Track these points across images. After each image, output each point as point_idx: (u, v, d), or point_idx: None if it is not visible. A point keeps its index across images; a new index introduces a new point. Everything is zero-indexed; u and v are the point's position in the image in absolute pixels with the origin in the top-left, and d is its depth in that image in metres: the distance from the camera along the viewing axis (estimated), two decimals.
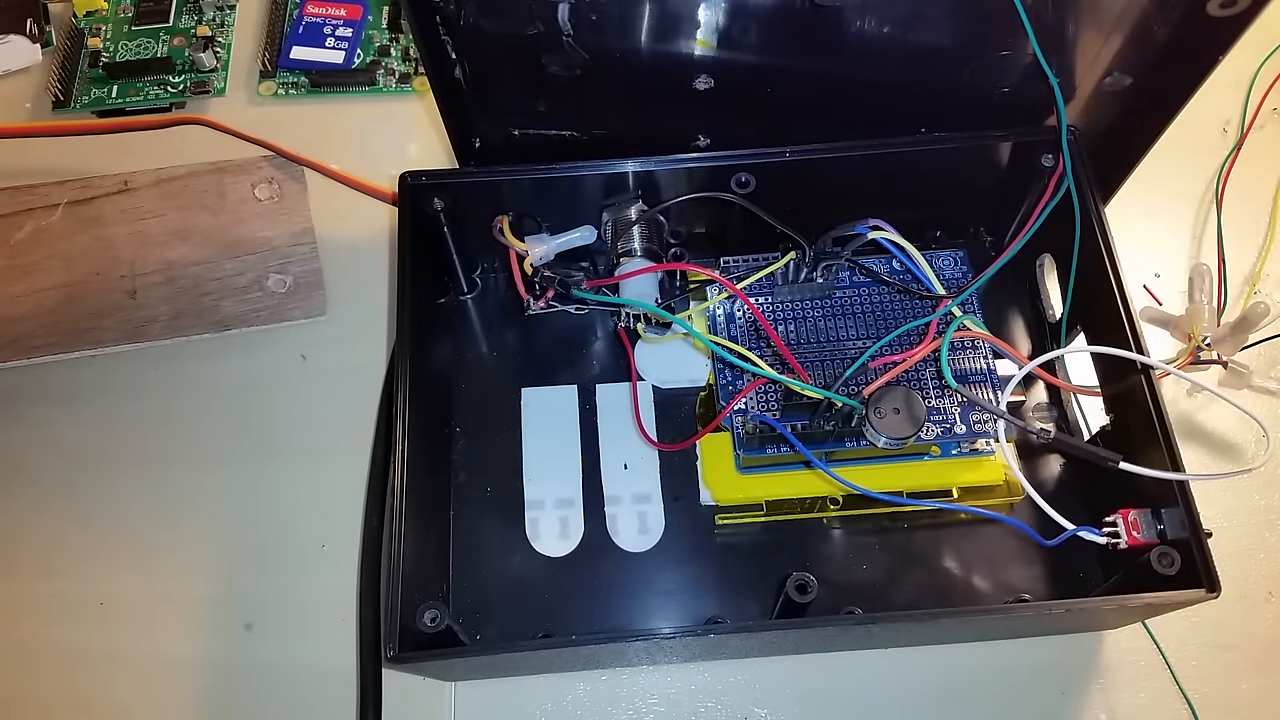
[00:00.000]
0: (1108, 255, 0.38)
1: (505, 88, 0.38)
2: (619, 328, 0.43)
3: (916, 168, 0.41)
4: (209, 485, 0.44)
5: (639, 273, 0.40)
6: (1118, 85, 0.38)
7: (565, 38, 0.35)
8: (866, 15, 0.35)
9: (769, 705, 0.40)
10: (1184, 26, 0.34)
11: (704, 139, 0.41)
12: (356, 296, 0.48)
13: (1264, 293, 0.47)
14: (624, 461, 0.43)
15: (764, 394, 0.40)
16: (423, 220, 0.40)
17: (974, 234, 0.46)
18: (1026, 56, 0.36)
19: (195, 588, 0.42)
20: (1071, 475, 0.42)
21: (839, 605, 0.38)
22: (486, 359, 0.46)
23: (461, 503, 0.42)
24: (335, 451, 0.44)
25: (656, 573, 0.41)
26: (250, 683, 0.41)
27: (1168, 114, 0.37)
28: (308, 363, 0.47)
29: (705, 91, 0.38)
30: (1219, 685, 0.40)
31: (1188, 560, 0.34)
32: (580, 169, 0.40)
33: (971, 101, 0.39)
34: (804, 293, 0.42)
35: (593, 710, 0.40)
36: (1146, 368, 0.36)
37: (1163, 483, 0.34)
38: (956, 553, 0.41)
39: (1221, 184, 0.49)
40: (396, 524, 0.35)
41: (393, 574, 0.34)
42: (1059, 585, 0.40)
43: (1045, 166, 0.39)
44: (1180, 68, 0.35)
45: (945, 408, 0.40)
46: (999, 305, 0.45)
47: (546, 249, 0.41)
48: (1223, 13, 0.32)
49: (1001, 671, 0.40)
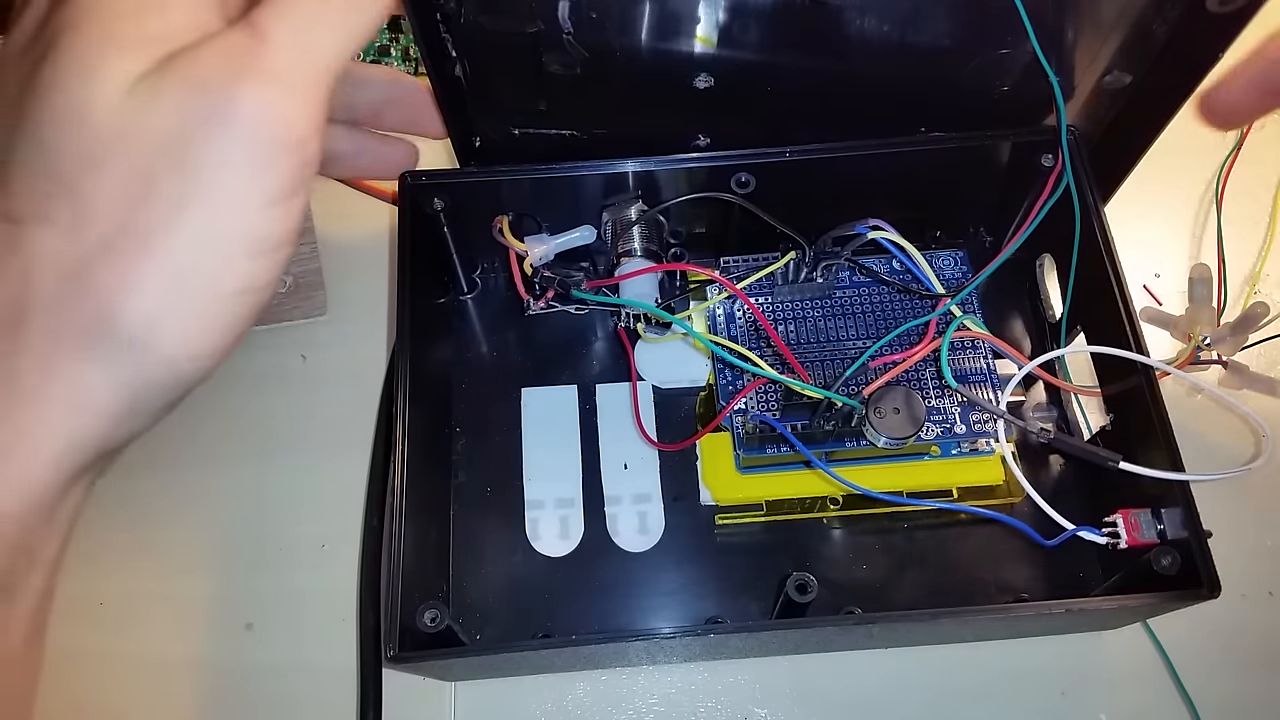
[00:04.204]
0: (1108, 255, 0.38)
1: (505, 86, 0.38)
2: (619, 328, 0.43)
3: (916, 168, 0.41)
4: (209, 485, 0.44)
5: (639, 273, 0.40)
6: (1117, 83, 0.38)
7: (565, 35, 0.35)
8: (866, 13, 0.35)
9: (769, 705, 0.40)
10: (1183, 24, 0.34)
11: (704, 138, 0.41)
12: (356, 296, 0.48)
13: (1264, 293, 0.47)
14: (624, 461, 0.43)
15: (764, 394, 0.40)
16: (423, 220, 0.40)
17: (974, 234, 0.46)
18: (1026, 55, 0.36)
19: (195, 588, 0.42)
20: (1071, 475, 0.42)
21: (839, 605, 0.38)
22: (486, 359, 0.46)
23: (461, 503, 0.42)
24: (335, 451, 0.44)
25: (656, 573, 0.41)
26: (250, 683, 0.41)
27: (1167, 112, 0.37)
28: (308, 363, 0.47)
29: (705, 90, 0.38)
30: (1219, 685, 0.40)
31: (1188, 560, 0.33)
32: (580, 169, 0.40)
33: (971, 100, 0.39)
34: (804, 293, 0.42)
35: (593, 710, 0.40)
36: (1146, 368, 0.36)
37: (1163, 483, 0.34)
38: (956, 553, 0.41)
39: (1221, 184, 0.49)
40: (396, 524, 0.35)
41: (393, 574, 0.34)
42: (1059, 585, 0.40)
43: (1045, 166, 0.39)
44: (1180, 65, 0.35)
45: (945, 408, 0.40)
46: (999, 305, 0.45)
47: (546, 249, 0.41)
48: (1222, 9, 0.32)
49: (1001, 671, 0.40)
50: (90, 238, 0.24)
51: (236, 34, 0.24)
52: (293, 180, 0.25)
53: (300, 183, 0.25)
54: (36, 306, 0.24)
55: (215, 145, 0.24)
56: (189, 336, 0.25)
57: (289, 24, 0.25)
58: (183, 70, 0.24)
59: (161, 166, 0.24)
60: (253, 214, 0.25)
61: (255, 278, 0.26)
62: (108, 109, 0.24)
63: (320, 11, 0.25)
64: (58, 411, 0.24)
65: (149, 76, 0.24)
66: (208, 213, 0.24)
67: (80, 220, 0.24)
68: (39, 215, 0.24)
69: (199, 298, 0.25)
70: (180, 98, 0.24)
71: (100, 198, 0.24)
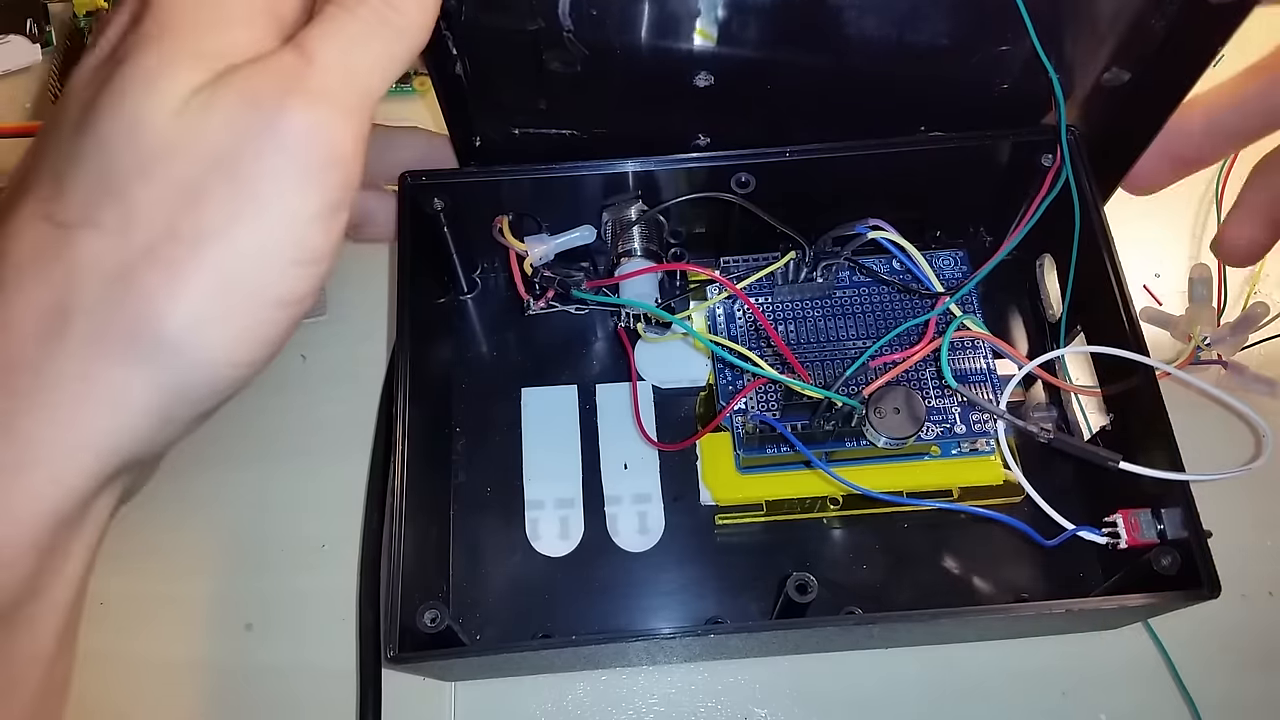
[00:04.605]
0: (1108, 255, 0.38)
1: (506, 84, 0.38)
2: (619, 328, 0.43)
3: (916, 167, 0.41)
4: (209, 485, 0.44)
5: (639, 273, 0.40)
6: (1116, 81, 0.38)
7: (566, 33, 0.35)
8: (867, 11, 0.35)
9: (769, 705, 0.40)
10: (1182, 17, 0.34)
11: (704, 138, 0.41)
12: (357, 296, 0.48)
13: (1264, 293, 0.47)
14: (624, 461, 0.43)
15: (764, 394, 0.40)
16: (423, 220, 0.40)
17: (974, 234, 0.46)
18: (1026, 52, 0.36)
19: (195, 588, 0.42)
20: (1071, 475, 0.42)
21: (839, 605, 0.38)
22: (486, 359, 0.46)
23: (461, 503, 0.42)
24: (335, 451, 0.44)
25: (656, 573, 0.41)
26: (250, 683, 0.41)
27: (1166, 108, 0.37)
28: (308, 363, 0.47)
29: (705, 89, 0.38)
30: (1219, 685, 0.40)
31: (1188, 560, 0.33)
32: (580, 169, 0.40)
33: (971, 98, 0.39)
34: (804, 293, 0.42)
35: (593, 710, 0.40)
36: (1146, 368, 0.36)
37: (1163, 483, 0.34)
38: (956, 553, 0.41)
39: (1221, 184, 0.49)
40: (396, 524, 0.35)
41: (393, 574, 0.34)
42: (1059, 585, 0.40)
43: (1045, 166, 0.39)
44: (1179, 60, 0.35)
45: (945, 407, 0.40)
46: (999, 305, 0.45)
47: (546, 249, 0.41)
48: (1221, 0, 0.32)
49: (1002, 671, 0.40)
50: (137, 242, 0.24)
51: (287, 54, 0.25)
52: (337, 196, 0.26)
53: (344, 199, 0.26)
54: (80, 309, 0.25)
55: (266, 159, 0.25)
56: (230, 344, 0.26)
57: (336, 47, 0.26)
58: (236, 85, 0.25)
59: (213, 177, 0.25)
60: (299, 227, 0.26)
61: (297, 290, 0.26)
62: (163, 119, 0.25)
63: (365, 36, 0.26)
64: (98, 412, 0.25)
65: (203, 90, 0.25)
66: (256, 223, 0.25)
67: (128, 225, 0.24)
68: (87, 220, 0.25)
69: (243, 306, 0.26)
70: (233, 112, 0.25)
71: (149, 204, 0.25)
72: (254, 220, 0.25)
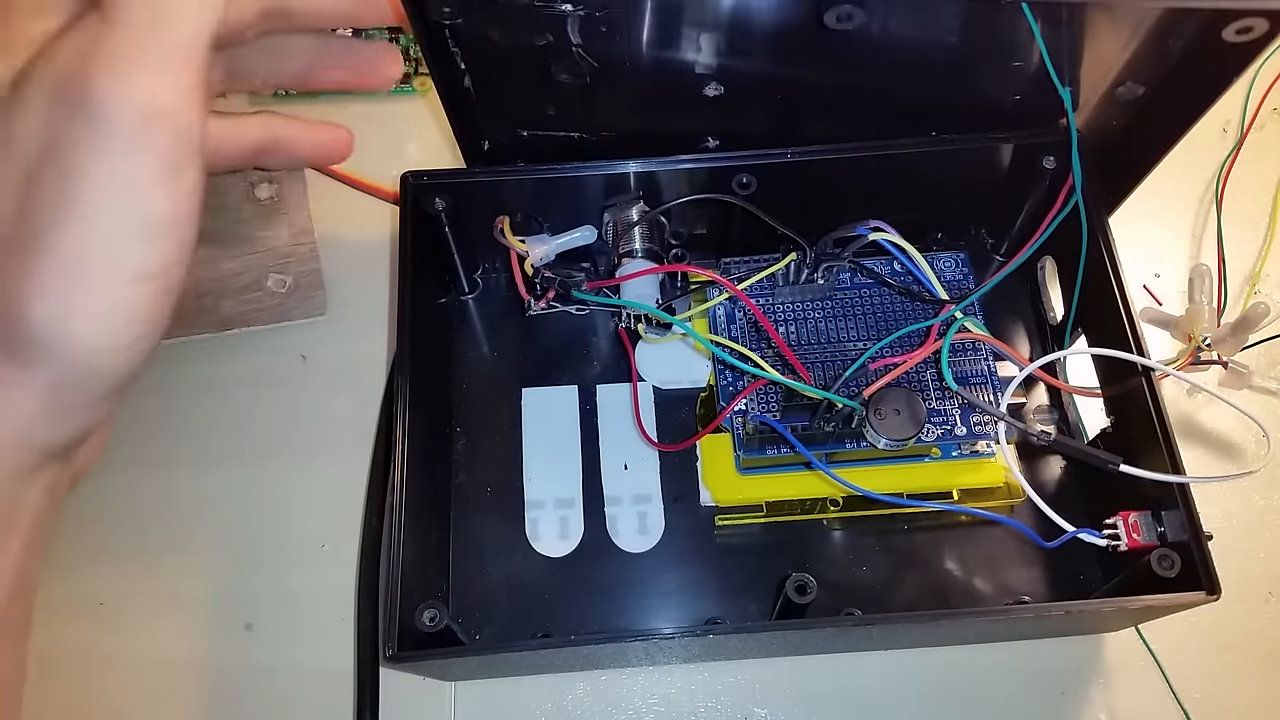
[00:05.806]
0: (1110, 262, 0.38)
1: (513, 95, 0.38)
2: (620, 328, 0.43)
3: (917, 169, 0.41)
4: (209, 485, 0.44)
5: (640, 274, 0.40)
6: (1130, 95, 0.38)
7: (574, 48, 0.35)
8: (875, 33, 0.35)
9: (769, 705, 0.40)
10: (1198, 45, 0.34)
11: (713, 140, 0.41)
12: (357, 296, 0.48)
13: (1264, 293, 0.47)
14: (624, 462, 0.43)
15: (764, 395, 0.40)
16: (424, 220, 0.40)
17: (975, 236, 0.46)
18: (1038, 67, 0.35)
19: (195, 588, 0.42)
20: (1072, 477, 0.42)
21: (838, 606, 0.38)
22: (487, 359, 0.46)
23: (461, 503, 0.42)
24: (335, 451, 0.44)
25: (656, 573, 0.41)
26: (250, 683, 0.41)
27: (1179, 124, 0.37)
28: (308, 363, 0.47)
29: (715, 98, 0.38)
30: (1219, 686, 0.40)
31: (1188, 562, 0.34)
32: (582, 170, 0.40)
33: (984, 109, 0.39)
34: (804, 294, 0.42)
35: (593, 710, 0.40)
36: (1147, 369, 0.36)
37: (1163, 485, 0.34)
38: (956, 554, 0.41)
39: (1221, 184, 0.49)
40: (396, 524, 0.35)
41: (392, 574, 0.34)
42: (1059, 587, 0.40)
43: (1046, 168, 0.39)
44: (1194, 83, 0.35)
45: (946, 409, 0.40)
46: (1000, 307, 0.45)
47: (547, 249, 0.41)
48: (1238, 39, 0.32)
49: (1001, 673, 0.40)
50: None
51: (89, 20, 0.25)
52: (171, 155, 0.25)
53: (183, 157, 0.25)
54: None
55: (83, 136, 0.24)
56: (96, 329, 0.25)
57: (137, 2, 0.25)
58: (41, 69, 0.24)
59: (39, 166, 0.24)
60: (137, 196, 0.25)
61: (153, 262, 0.25)
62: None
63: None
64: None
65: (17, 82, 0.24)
66: (91, 202, 0.24)
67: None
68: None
69: (98, 288, 0.25)
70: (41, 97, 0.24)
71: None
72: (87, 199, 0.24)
